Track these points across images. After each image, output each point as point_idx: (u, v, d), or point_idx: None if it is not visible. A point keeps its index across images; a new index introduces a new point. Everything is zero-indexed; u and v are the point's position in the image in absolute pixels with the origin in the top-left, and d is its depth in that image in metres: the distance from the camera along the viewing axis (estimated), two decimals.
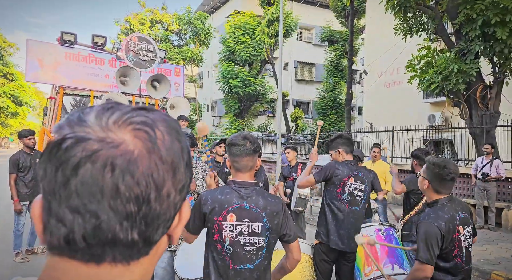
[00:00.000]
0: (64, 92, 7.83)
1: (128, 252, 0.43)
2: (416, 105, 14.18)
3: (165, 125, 0.46)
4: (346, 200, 2.86)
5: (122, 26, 24.86)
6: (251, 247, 1.78)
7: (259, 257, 1.80)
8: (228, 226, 1.78)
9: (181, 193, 0.47)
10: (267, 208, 1.81)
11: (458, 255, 2.06)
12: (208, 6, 28.23)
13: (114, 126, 0.43)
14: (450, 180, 2.12)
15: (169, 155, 0.44)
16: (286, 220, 1.85)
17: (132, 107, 0.46)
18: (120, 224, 0.41)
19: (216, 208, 1.79)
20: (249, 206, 1.80)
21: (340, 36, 22.79)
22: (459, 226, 2.07)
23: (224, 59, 20.45)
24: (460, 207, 2.16)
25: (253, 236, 1.78)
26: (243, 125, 20.49)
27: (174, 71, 9.03)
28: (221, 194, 1.83)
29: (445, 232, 2.00)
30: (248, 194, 1.82)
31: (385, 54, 14.16)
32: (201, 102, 27.94)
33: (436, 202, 2.14)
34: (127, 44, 6.37)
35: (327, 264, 2.90)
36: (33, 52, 7.52)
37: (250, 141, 1.87)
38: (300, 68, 26.20)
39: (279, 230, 1.83)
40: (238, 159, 1.86)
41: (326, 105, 23.20)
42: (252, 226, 1.78)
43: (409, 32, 8.77)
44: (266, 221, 1.79)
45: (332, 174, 2.90)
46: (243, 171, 1.87)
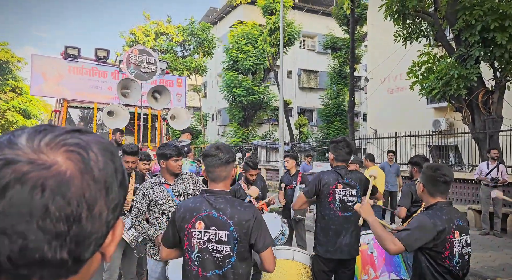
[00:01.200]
0: (68, 105, 7.97)
1: (56, 271, 0.44)
2: (420, 111, 14.11)
3: (99, 147, 0.48)
4: (338, 207, 2.85)
5: (127, 38, 25.24)
6: (218, 254, 1.81)
7: (227, 264, 1.81)
8: (196, 233, 1.83)
9: (114, 212, 0.48)
10: (235, 216, 1.82)
11: (448, 257, 2.06)
12: (212, 17, 28.59)
13: (46, 149, 0.44)
14: (443, 182, 2.14)
15: (102, 175, 0.46)
16: (257, 229, 1.84)
17: (66, 130, 0.48)
18: (48, 243, 0.42)
19: (186, 215, 1.85)
20: (216, 214, 1.83)
21: (343, 44, 22.88)
22: (455, 230, 2.08)
23: (227, 68, 20.64)
24: (459, 215, 2.18)
25: (219, 244, 1.81)
26: (247, 134, 20.56)
27: (176, 82, 9.14)
28: (193, 203, 1.89)
29: (439, 229, 2.01)
30: (217, 203, 1.85)
31: (388, 61, 14.17)
32: (206, 111, 28.11)
33: (435, 204, 2.16)
34: (128, 56, 6.49)
35: (325, 274, 2.88)
36: (38, 67, 7.68)
37: (223, 152, 1.91)
38: (303, 76, 26.30)
39: (248, 239, 1.83)
40: (212, 169, 1.90)
41: (331, 112, 23.20)
42: (219, 234, 1.81)
43: (408, 39, 8.79)
44: (233, 229, 1.81)
45: (319, 185, 2.88)
46: (216, 180, 1.92)
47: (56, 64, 7.78)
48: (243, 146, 19.02)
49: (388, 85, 15.76)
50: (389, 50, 13.22)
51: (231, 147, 19.91)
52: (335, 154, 2.93)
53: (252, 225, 1.82)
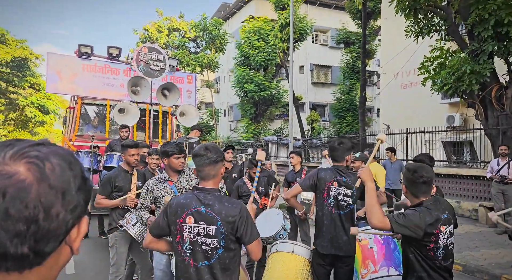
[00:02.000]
0: (82, 102, 8.17)
1: (20, 263, 0.53)
2: (434, 107, 13.87)
3: (57, 158, 0.56)
4: (331, 204, 2.90)
5: (141, 35, 25.52)
6: (207, 247, 1.96)
7: (214, 256, 1.96)
8: (187, 227, 1.98)
9: (73, 212, 0.56)
10: (222, 212, 1.96)
11: (432, 249, 2.17)
12: (224, 12, 28.60)
13: (10, 161, 0.53)
14: (423, 183, 2.23)
15: (59, 182, 0.54)
16: (243, 223, 1.97)
17: (30, 143, 0.57)
18: (10, 241, 0.50)
19: (178, 211, 2.00)
20: (205, 210, 1.97)
21: (356, 38, 22.60)
22: (441, 225, 2.18)
23: (239, 64, 20.66)
24: (443, 207, 2.27)
25: (208, 237, 1.95)
26: (259, 130, 20.60)
27: (186, 79, 9.25)
28: (184, 199, 2.03)
29: (427, 228, 2.11)
30: (206, 199, 1.99)
31: (401, 55, 13.95)
32: (218, 107, 28.25)
33: (421, 204, 2.24)
34: (138, 54, 6.62)
35: (323, 268, 2.95)
36: (53, 65, 7.89)
37: (211, 152, 2.04)
38: (316, 71, 26.11)
39: (235, 233, 1.97)
40: (201, 169, 2.04)
41: (343, 107, 23.02)
42: (207, 229, 1.95)
43: (420, 34, 8.66)
44: (221, 224, 1.95)
45: (316, 180, 2.96)
46: (206, 179, 2.05)
47: (70, 62, 7.96)
48: (254, 142, 19.09)
49: (402, 80, 15.54)
50: (403, 44, 13.01)
51: (242, 142, 20.05)
52: (331, 153, 2.98)
53: (238, 220, 1.95)
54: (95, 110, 8.97)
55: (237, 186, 4.20)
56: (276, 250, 3.16)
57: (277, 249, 3.15)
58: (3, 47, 28.60)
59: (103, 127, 8.28)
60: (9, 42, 30.19)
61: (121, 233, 3.56)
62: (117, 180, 3.55)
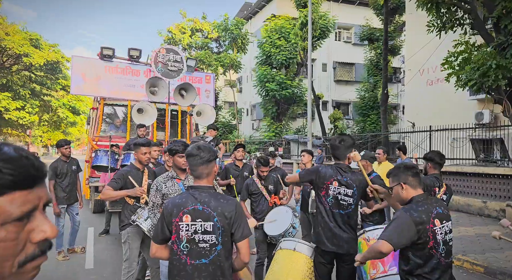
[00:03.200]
0: (104, 103, 8.46)
1: None
2: (462, 103, 13.34)
3: None
4: (330, 203, 2.87)
5: (165, 36, 26.06)
6: (205, 244, 1.99)
7: (213, 252, 1.99)
8: (184, 226, 2.00)
9: None
10: (218, 208, 2.00)
11: (433, 247, 2.15)
12: (247, 12, 28.72)
13: None
14: (413, 175, 2.29)
15: None
16: (238, 220, 2.01)
17: None
18: None
19: (174, 211, 2.03)
20: (202, 207, 2.00)
21: (380, 34, 22.05)
22: (434, 218, 2.17)
23: (261, 63, 20.69)
24: (437, 204, 2.28)
25: (206, 234, 1.99)
26: (281, 128, 20.56)
27: (204, 79, 9.37)
28: (179, 199, 2.07)
29: (418, 220, 2.11)
30: (201, 197, 2.03)
31: (427, 51, 13.52)
32: (241, 106, 28.40)
33: (411, 200, 2.27)
34: (156, 56, 6.79)
35: (324, 266, 2.93)
36: (77, 67, 8.21)
37: (204, 151, 2.07)
38: (339, 69, 25.74)
39: (230, 229, 2.01)
40: (195, 168, 2.08)
41: (367, 105, 22.58)
42: (205, 225, 1.99)
43: (443, 29, 8.35)
44: (217, 220, 1.99)
45: (315, 176, 2.94)
46: (200, 177, 2.10)
47: (93, 65, 8.25)
48: (275, 140, 19.07)
49: (427, 76, 15.05)
50: (428, 40, 12.60)
51: (264, 141, 20.07)
52: (332, 151, 2.94)
53: (233, 216, 2.00)
54: (117, 111, 9.25)
55: (247, 184, 4.23)
56: (280, 247, 3.18)
57: (281, 247, 3.17)
58: (37, 52, 30.00)
59: (125, 127, 8.53)
60: (42, 46, 31.64)
61: (134, 229, 3.67)
62: (128, 176, 3.65)
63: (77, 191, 5.77)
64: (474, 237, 6.64)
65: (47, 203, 0.69)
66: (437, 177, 3.64)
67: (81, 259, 5.55)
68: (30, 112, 31.51)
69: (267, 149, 17.23)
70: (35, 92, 32.92)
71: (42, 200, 0.66)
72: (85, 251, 5.87)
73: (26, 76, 32.04)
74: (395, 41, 21.74)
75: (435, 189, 3.56)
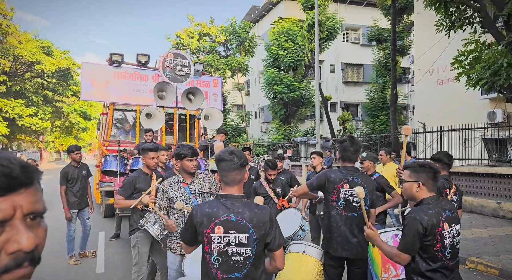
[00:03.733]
0: (114, 108, 8.56)
1: None
2: (473, 103, 13.15)
3: None
4: (341, 206, 2.85)
5: (173, 41, 26.29)
6: (238, 257, 1.85)
7: (247, 266, 1.86)
8: (216, 237, 1.86)
9: None
10: (254, 219, 1.87)
11: (440, 250, 2.14)
12: (254, 15, 28.82)
13: None
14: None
15: None
16: (273, 229, 1.92)
17: None
18: None
19: (204, 221, 1.89)
20: (235, 218, 1.87)
21: (388, 35, 21.88)
22: (444, 222, 2.15)
23: (268, 66, 20.71)
24: (447, 206, 2.25)
25: (240, 246, 1.85)
26: (289, 131, 20.51)
27: (212, 82, 9.41)
28: (209, 208, 1.92)
29: (428, 225, 2.10)
30: (234, 207, 1.89)
31: (436, 51, 13.37)
32: (249, 109, 28.44)
33: (421, 201, 2.25)
34: (164, 61, 6.84)
35: (334, 269, 2.91)
36: (87, 73, 8.32)
37: (237, 156, 1.96)
38: (347, 70, 25.62)
39: (265, 239, 1.90)
40: (226, 174, 1.95)
41: (376, 106, 22.40)
42: (239, 237, 1.85)
43: (452, 28, 8.25)
44: (253, 232, 1.86)
45: (325, 182, 2.90)
46: (231, 184, 1.96)
47: (103, 71, 8.36)
48: (284, 143, 19.03)
49: (437, 76, 14.87)
50: (437, 39, 12.45)
51: (273, 143, 20.04)
52: (342, 154, 2.92)
53: (268, 226, 1.90)
54: (126, 116, 9.35)
55: (255, 187, 4.22)
56: (289, 250, 3.16)
57: (290, 250, 3.15)
58: (48, 59, 30.56)
59: (135, 132, 8.62)
60: (54, 53, 32.22)
61: (142, 233, 3.69)
62: (137, 182, 3.69)
63: (88, 195, 5.83)
64: (488, 239, 6.51)
65: (31, 212, 0.64)
66: (446, 178, 3.58)
67: (92, 263, 5.60)
68: (43, 119, 32.07)
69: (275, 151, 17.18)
70: (47, 98, 33.51)
71: (22, 209, 0.63)
72: (96, 255, 5.92)
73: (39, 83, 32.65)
74: (403, 41, 21.55)
75: (446, 191, 3.50)
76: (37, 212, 0.66)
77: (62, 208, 5.51)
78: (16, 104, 28.84)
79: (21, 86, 30.36)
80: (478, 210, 9.00)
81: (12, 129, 30.57)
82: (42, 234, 0.66)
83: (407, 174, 2.30)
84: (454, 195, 3.59)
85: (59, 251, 6.01)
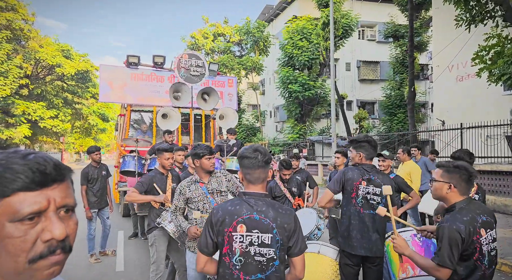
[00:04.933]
0: (131, 109, 8.69)
1: None
2: (495, 99, 12.76)
3: None
4: (360, 204, 2.82)
5: (188, 42, 26.51)
6: (261, 258, 1.77)
7: (270, 268, 1.78)
8: (238, 236, 1.78)
9: None
10: (277, 219, 1.79)
11: (478, 258, 2.00)
12: (268, 14, 28.78)
13: None
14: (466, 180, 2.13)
15: None
16: (296, 232, 1.82)
17: None
18: None
19: (226, 219, 1.81)
20: (259, 216, 1.79)
21: (405, 31, 21.46)
22: (480, 228, 2.01)
23: (283, 65, 20.63)
24: (481, 210, 2.11)
25: (263, 247, 1.77)
26: (305, 130, 20.38)
27: (227, 82, 9.44)
28: (231, 206, 1.85)
29: (465, 234, 1.96)
30: (258, 205, 1.82)
31: (456, 46, 13.04)
32: (264, 108, 28.41)
33: (454, 206, 2.12)
34: (179, 61, 6.90)
35: (351, 268, 2.87)
36: (105, 76, 8.47)
37: (262, 153, 1.89)
38: (363, 68, 25.29)
39: (288, 242, 1.81)
40: (250, 171, 1.87)
41: (393, 104, 22.00)
42: (262, 237, 1.77)
43: (472, 22, 8.02)
44: (276, 232, 1.78)
45: (344, 180, 2.88)
46: (255, 182, 1.89)
47: (120, 73, 8.48)
48: (299, 142, 18.93)
49: (457, 72, 14.50)
50: (456, 35, 12.14)
51: (288, 143, 19.97)
52: (360, 153, 2.88)
53: (292, 229, 1.81)
54: (143, 117, 9.48)
55: (270, 187, 4.21)
56: None
57: None
58: (68, 62, 31.31)
59: (151, 133, 8.73)
60: (73, 56, 33.00)
61: (160, 232, 3.73)
62: (154, 181, 3.74)
63: (107, 195, 5.95)
64: None
65: (63, 205, 0.71)
66: None
67: (112, 261, 5.70)
68: (63, 120, 32.87)
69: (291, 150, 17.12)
70: (67, 101, 34.34)
71: (55, 202, 0.70)
72: (116, 254, 6.03)
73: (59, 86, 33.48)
74: (421, 37, 21.10)
75: None
76: (68, 206, 0.73)
77: (83, 208, 5.64)
78: (38, 107, 29.67)
79: (42, 89, 31.20)
80: (502, 209, 8.73)
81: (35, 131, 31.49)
82: (73, 226, 0.74)
83: (439, 173, 2.16)
84: (476, 193, 3.48)
85: (80, 249, 6.14)
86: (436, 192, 2.18)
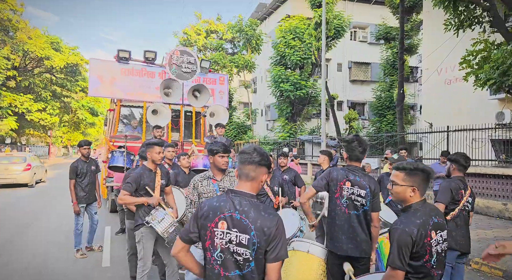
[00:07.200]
0: (121, 104, 8.63)
1: None
2: (482, 103, 13.02)
3: None
4: (345, 204, 2.87)
5: (180, 38, 26.36)
6: (238, 257, 1.80)
7: (246, 268, 1.79)
8: (219, 233, 1.82)
9: None
10: (258, 221, 1.78)
11: (428, 260, 2.04)
12: (261, 13, 28.75)
13: None
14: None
15: None
16: (276, 238, 1.78)
17: None
18: None
19: (210, 214, 1.84)
20: (240, 216, 1.80)
21: (396, 33, 21.75)
22: (431, 231, 2.05)
23: (275, 63, 20.68)
24: (433, 212, 2.14)
25: (240, 246, 1.79)
26: (295, 129, 20.48)
27: (218, 80, 9.44)
28: (217, 202, 1.87)
29: (417, 237, 2.00)
30: (241, 204, 1.83)
31: (445, 50, 13.25)
32: (255, 107, 28.44)
33: (409, 207, 2.15)
34: (170, 58, 6.88)
35: (338, 268, 2.92)
36: (95, 70, 8.38)
37: (258, 153, 1.91)
38: (354, 69, 25.50)
39: (266, 246, 1.77)
40: (241, 166, 1.91)
41: (383, 105, 22.28)
42: (240, 237, 1.79)
43: (461, 27, 8.17)
44: (254, 234, 1.77)
45: (328, 180, 2.93)
46: (243, 179, 1.90)
47: (110, 67, 8.40)
48: (290, 141, 19.02)
49: (445, 75, 14.75)
50: (446, 38, 12.34)
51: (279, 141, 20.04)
52: (348, 153, 2.94)
53: (273, 233, 1.77)
54: (133, 112, 9.42)
55: None
56: (292, 248, 3.15)
57: (294, 247, 3.13)
58: (57, 55, 30.81)
59: (141, 128, 8.69)
60: (63, 49, 32.49)
61: (147, 229, 3.73)
62: (142, 178, 3.71)
63: (96, 190, 5.91)
64: (493, 240, 6.47)
65: None
66: (462, 180, 3.52)
67: (98, 257, 5.68)
68: (51, 114, 32.38)
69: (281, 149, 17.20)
70: (56, 94, 33.83)
71: None
72: (102, 249, 6.00)
73: (47, 79, 32.96)
74: (412, 40, 21.38)
75: (461, 192, 3.44)
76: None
77: (71, 202, 5.60)
78: (25, 99, 29.16)
79: (30, 81, 30.67)
80: (484, 211, 8.95)
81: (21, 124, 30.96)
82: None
83: (401, 176, 2.15)
84: (469, 196, 3.53)
85: (66, 244, 6.10)
86: (398, 195, 2.17)
